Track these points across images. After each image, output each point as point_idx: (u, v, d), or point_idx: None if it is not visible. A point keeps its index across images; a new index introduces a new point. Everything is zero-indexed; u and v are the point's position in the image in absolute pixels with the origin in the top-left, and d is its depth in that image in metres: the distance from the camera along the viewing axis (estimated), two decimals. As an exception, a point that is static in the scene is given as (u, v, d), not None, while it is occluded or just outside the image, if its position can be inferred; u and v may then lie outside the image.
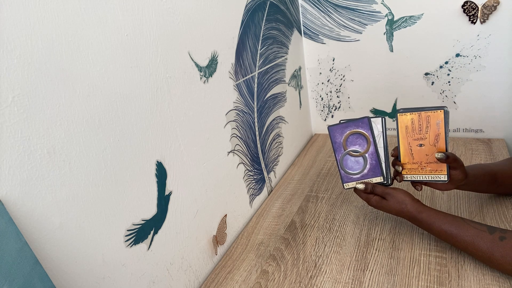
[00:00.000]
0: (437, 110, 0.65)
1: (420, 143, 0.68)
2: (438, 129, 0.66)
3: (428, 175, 0.69)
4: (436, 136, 0.66)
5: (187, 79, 0.67)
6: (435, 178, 0.68)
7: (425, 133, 0.67)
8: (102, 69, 0.50)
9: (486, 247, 0.61)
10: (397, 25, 1.09)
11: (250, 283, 0.71)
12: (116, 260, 0.55)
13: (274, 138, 1.04)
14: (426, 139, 0.67)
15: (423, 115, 0.66)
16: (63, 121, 0.46)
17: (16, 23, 0.40)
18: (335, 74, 1.24)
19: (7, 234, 0.39)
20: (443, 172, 0.67)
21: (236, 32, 0.82)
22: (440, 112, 0.65)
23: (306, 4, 1.17)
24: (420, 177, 0.70)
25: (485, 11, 0.98)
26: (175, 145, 0.65)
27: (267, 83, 0.98)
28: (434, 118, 0.66)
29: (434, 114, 0.65)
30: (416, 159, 0.69)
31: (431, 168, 0.67)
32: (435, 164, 0.68)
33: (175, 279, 0.67)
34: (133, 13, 0.55)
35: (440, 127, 0.65)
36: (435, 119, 0.65)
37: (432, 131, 0.66)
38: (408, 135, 0.68)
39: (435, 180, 0.68)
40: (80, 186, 0.48)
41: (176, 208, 0.66)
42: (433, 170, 0.68)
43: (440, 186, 0.71)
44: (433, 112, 0.65)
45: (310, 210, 0.91)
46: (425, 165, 0.68)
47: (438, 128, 0.66)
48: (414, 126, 0.67)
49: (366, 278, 0.68)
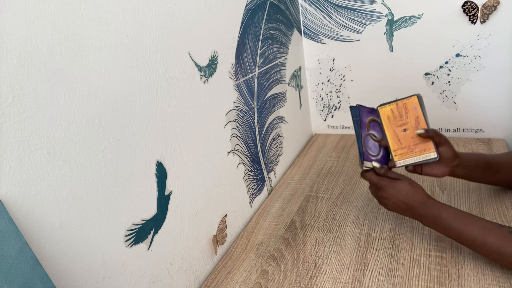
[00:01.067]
0: (411, 97, 0.73)
1: (404, 128, 0.73)
2: (416, 112, 0.72)
3: (418, 156, 0.71)
4: (416, 118, 0.72)
5: (187, 79, 0.67)
6: (425, 158, 0.70)
7: (406, 118, 0.73)
8: (102, 69, 0.50)
9: (495, 241, 0.59)
10: (397, 25, 1.09)
11: (250, 283, 0.71)
12: (116, 260, 0.55)
13: (274, 138, 1.04)
14: (408, 123, 0.72)
15: (400, 103, 0.74)
16: (63, 121, 0.46)
17: (16, 23, 0.40)
18: (335, 74, 1.24)
19: (7, 234, 0.39)
20: (431, 150, 0.70)
21: (236, 32, 0.82)
22: (414, 97, 0.73)
23: (306, 4, 1.17)
24: (412, 160, 0.72)
25: (485, 11, 0.98)
26: (175, 145, 0.65)
27: (267, 83, 0.98)
28: (410, 104, 0.73)
29: (409, 100, 0.73)
30: (404, 144, 0.72)
31: (419, 149, 0.71)
32: (422, 144, 0.71)
33: (175, 279, 0.67)
34: (133, 13, 0.55)
35: (418, 110, 0.72)
36: (411, 104, 0.73)
37: (411, 115, 0.72)
38: (391, 123, 0.74)
39: (426, 159, 0.70)
40: (80, 186, 0.48)
41: (176, 208, 0.66)
42: (422, 150, 0.71)
43: (436, 171, 0.71)
44: (408, 99, 0.73)
45: (310, 210, 0.91)
46: (413, 147, 0.72)
47: (416, 111, 0.73)
48: (394, 114, 0.74)
49: (366, 278, 0.68)
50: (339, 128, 1.33)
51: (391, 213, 0.84)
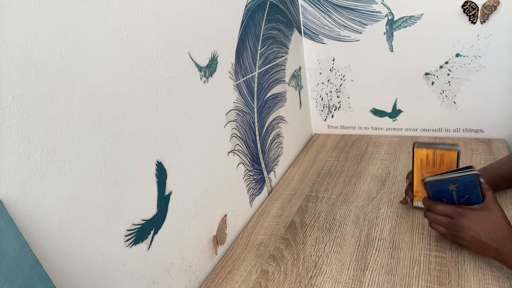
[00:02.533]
0: (451, 149, 0.69)
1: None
2: (450, 167, 0.69)
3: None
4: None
5: (187, 79, 0.67)
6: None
7: (438, 169, 0.71)
8: (102, 69, 0.50)
9: None
10: (397, 25, 1.09)
11: (250, 283, 0.71)
12: (116, 260, 0.55)
13: (274, 138, 1.04)
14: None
15: (438, 152, 0.70)
16: (63, 121, 0.46)
17: (16, 23, 0.40)
18: (335, 74, 1.24)
19: (7, 234, 0.39)
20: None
21: (236, 32, 0.82)
22: (453, 152, 0.69)
23: (306, 4, 1.17)
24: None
25: (485, 11, 0.98)
26: (175, 145, 0.65)
27: (267, 83, 0.98)
28: (447, 156, 0.69)
29: (448, 153, 0.69)
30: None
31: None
32: None
33: (175, 279, 0.67)
34: (133, 13, 0.55)
35: (453, 166, 0.69)
36: (449, 157, 0.69)
37: (445, 168, 0.70)
38: (422, 168, 0.72)
39: None
40: (80, 186, 0.48)
41: (176, 208, 0.66)
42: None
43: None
44: (448, 151, 0.69)
45: (310, 210, 0.91)
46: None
47: (451, 166, 0.69)
48: (428, 160, 0.71)
49: (366, 278, 0.68)
50: (339, 128, 1.33)
51: (391, 213, 0.84)
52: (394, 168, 1.03)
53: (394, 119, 1.23)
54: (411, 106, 1.19)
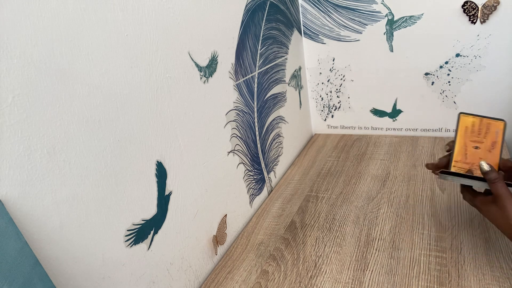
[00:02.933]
0: (499, 120, 0.68)
1: (476, 145, 0.68)
2: (496, 137, 0.68)
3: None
4: (493, 143, 0.67)
5: (187, 79, 0.67)
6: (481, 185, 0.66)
7: (483, 137, 0.68)
8: (102, 69, 0.50)
9: None
10: (397, 25, 1.09)
11: (250, 283, 0.71)
12: (116, 260, 0.55)
13: (274, 138, 1.04)
14: (483, 143, 0.68)
15: (484, 120, 0.69)
16: (63, 121, 0.46)
17: (16, 23, 0.40)
18: (335, 74, 1.24)
19: (7, 234, 0.39)
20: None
21: (236, 32, 0.82)
22: (501, 122, 0.68)
23: (306, 4, 1.17)
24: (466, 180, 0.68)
25: (485, 11, 0.98)
26: (175, 145, 0.65)
27: (267, 83, 0.98)
28: (494, 126, 0.68)
29: (495, 122, 0.68)
30: (468, 160, 0.69)
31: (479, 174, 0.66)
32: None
33: (175, 279, 0.67)
34: (133, 13, 0.55)
35: (499, 135, 0.68)
36: (495, 127, 0.68)
37: (490, 137, 0.68)
38: (467, 135, 0.69)
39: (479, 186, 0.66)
40: (80, 186, 0.48)
41: (176, 208, 0.66)
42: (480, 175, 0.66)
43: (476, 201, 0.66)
44: (495, 121, 0.68)
45: (310, 210, 0.91)
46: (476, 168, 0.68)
47: (497, 136, 0.68)
48: (474, 128, 0.69)
49: (366, 278, 0.68)
50: (339, 128, 1.33)
51: (391, 213, 0.84)
52: (394, 168, 1.03)
53: (394, 119, 1.24)
54: (411, 106, 1.19)
